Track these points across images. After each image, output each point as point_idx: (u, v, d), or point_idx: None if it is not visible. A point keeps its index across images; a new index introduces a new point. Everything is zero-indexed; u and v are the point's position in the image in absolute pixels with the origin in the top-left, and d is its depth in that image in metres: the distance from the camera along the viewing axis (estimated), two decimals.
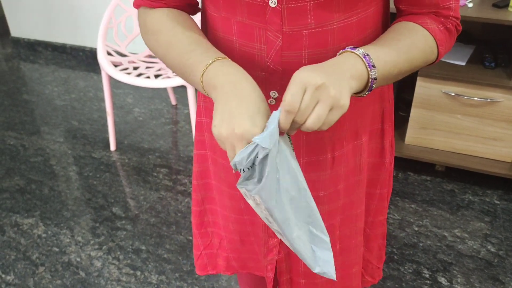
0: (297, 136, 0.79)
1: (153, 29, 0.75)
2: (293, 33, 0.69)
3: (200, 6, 0.83)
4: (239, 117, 0.58)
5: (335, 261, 0.96)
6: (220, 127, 0.59)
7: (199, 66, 0.66)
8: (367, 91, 0.67)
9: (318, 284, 0.97)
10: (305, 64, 0.71)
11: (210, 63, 0.65)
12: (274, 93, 0.75)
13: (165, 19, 0.74)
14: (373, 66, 0.64)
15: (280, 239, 0.92)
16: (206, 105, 0.90)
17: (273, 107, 0.77)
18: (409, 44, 0.70)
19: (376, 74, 0.65)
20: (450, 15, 0.74)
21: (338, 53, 0.67)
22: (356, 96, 0.68)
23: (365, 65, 0.64)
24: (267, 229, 0.91)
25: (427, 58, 0.72)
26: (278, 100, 0.76)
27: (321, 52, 0.70)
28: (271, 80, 0.74)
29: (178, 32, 0.72)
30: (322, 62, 0.69)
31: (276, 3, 0.67)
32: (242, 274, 1.10)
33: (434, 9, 0.73)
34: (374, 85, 0.66)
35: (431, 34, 0.72)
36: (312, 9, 0.67)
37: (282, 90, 0.74)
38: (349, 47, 0.67)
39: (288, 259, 0.96)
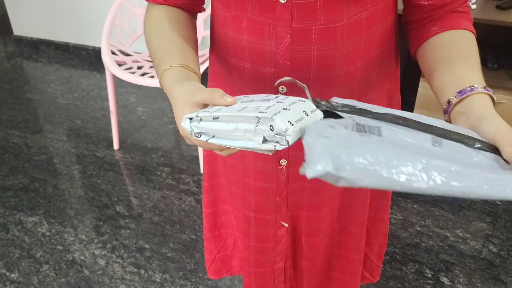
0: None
1: (146, 30, 0.80)
2: (303, 28, 0.70)
3: (204, 5, 0.84)
4: (178, 123, 0.64)
5: (333, 238, 0.98)
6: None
7: (159, 69, 0.72)
8: None
9: (318, 264, 0.99)
10: (314, 60, 0.72)
11: (164, 70, 0.70)
12: (283, 88, 0.76)
13: (155, 18, 0.79)
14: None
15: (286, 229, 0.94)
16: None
17: None
18: (476, 55, 0.72)
19: None
20: None
21: (472, 88, 0.63)
22: None
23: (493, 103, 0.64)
24: (274, 223, 0.92)
25: None
26: (287, 94, 0.77)
27: (330, 48, 0.71)
28: (281, 76, 0.74)
29: (161, 32, 0.77)
30: (331, 58, 0.71)
31: None
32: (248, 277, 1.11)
33: None
34: None
35: (473, 34, 0.75)
36: (322, 4, 0.68)
37: (291, 86, 0.75)
38: (480, 86, 0.63)
39: (293, 244, 0.97)
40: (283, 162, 0.84)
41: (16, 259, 1.78)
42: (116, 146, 2.40)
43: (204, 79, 0.96)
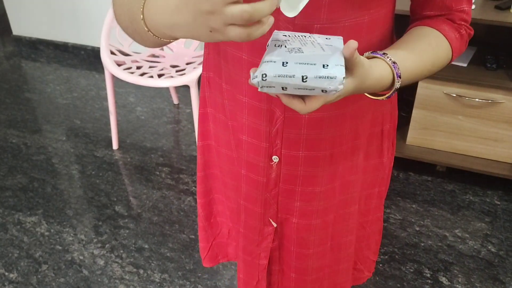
0: (299, 132, 0.80)
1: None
2: (304, 26, 0.70)
3: None
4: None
5: (325, 258, 0.98)
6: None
7: (139, 4, 0.62)
8: (386, 98, 0.69)
9: (307, 281, 0.98)
10: None
11: None
12: None
13: None
14: (399, 77, 0.67)
15: (275, 228, 0.94)
16: (210, 95, 0.91)
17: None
18: (432, 54, 0.73)
19: (400, 84, 0.67)
20: (463, 18, 0.76)
21: (365, 54, 0.69)
22: (373, 98, 0.70)
23: (393, 74, 0.67)
24: (263, 217, 0.93)
25: (443, 65, 0.76)
26: None
27: None
28: None
29: None
30: None
31: None
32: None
33: (447, 11, 0.75)
34: (392, 94, 0.69)
35: (449, 42, 0.75)
36: (327, 3, 0.68)
37: None
38: (377, 52, 0.68)
39: (281, 249, 0.97)
40: (275, 158, 0.84)
41: (15, 259, 1.77)
42: (115, 146, 2.40)
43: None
